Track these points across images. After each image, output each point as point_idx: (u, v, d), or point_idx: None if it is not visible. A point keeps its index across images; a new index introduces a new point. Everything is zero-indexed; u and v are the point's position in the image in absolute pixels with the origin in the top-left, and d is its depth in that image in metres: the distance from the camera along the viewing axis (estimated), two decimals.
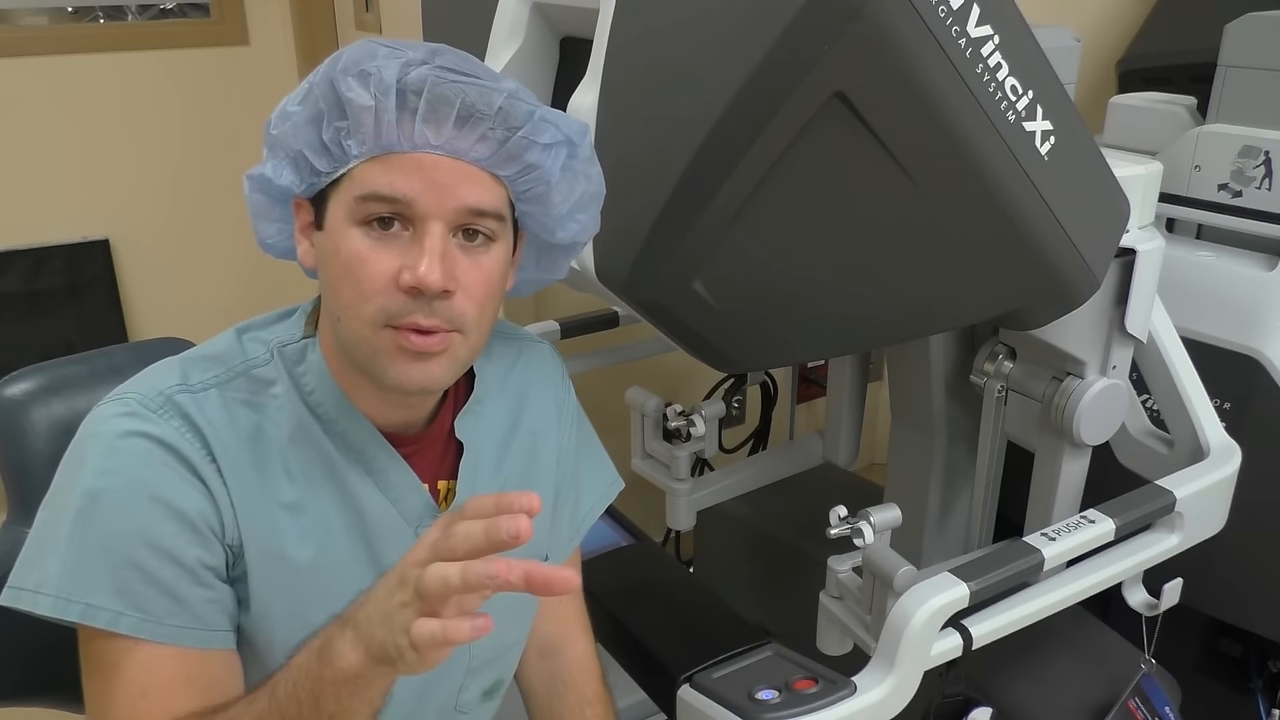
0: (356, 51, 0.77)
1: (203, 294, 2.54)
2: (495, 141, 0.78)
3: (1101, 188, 0.97)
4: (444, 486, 0.92)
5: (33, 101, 2.30)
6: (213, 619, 0.81)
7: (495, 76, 0.80)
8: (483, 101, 0.77)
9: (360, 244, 0.77)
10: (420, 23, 1.27)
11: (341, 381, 0.85)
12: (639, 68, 0.88)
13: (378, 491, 0.87)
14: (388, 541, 0.87)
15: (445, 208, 0.77)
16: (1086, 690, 1.21)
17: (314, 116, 0.78)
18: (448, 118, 0.76)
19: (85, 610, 0.76)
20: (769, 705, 0.91)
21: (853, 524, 1.07)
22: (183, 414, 0.80)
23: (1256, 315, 1.32)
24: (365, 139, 0.76)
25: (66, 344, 2.42)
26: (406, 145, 0.76)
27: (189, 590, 0.79)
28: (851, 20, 0.74)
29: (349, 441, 0.85)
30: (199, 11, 2.45)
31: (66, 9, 2.35)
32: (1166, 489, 1.09)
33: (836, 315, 0.91)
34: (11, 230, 2.34)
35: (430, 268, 0.75)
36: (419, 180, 0.76)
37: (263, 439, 0.83)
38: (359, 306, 0.78)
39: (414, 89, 0.75)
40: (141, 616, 0.77)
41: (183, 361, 0.85)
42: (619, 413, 1.52)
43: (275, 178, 0.80)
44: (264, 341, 0.87)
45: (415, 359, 0.79)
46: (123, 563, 0.77)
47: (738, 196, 0.81)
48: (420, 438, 0.90)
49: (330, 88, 0.77)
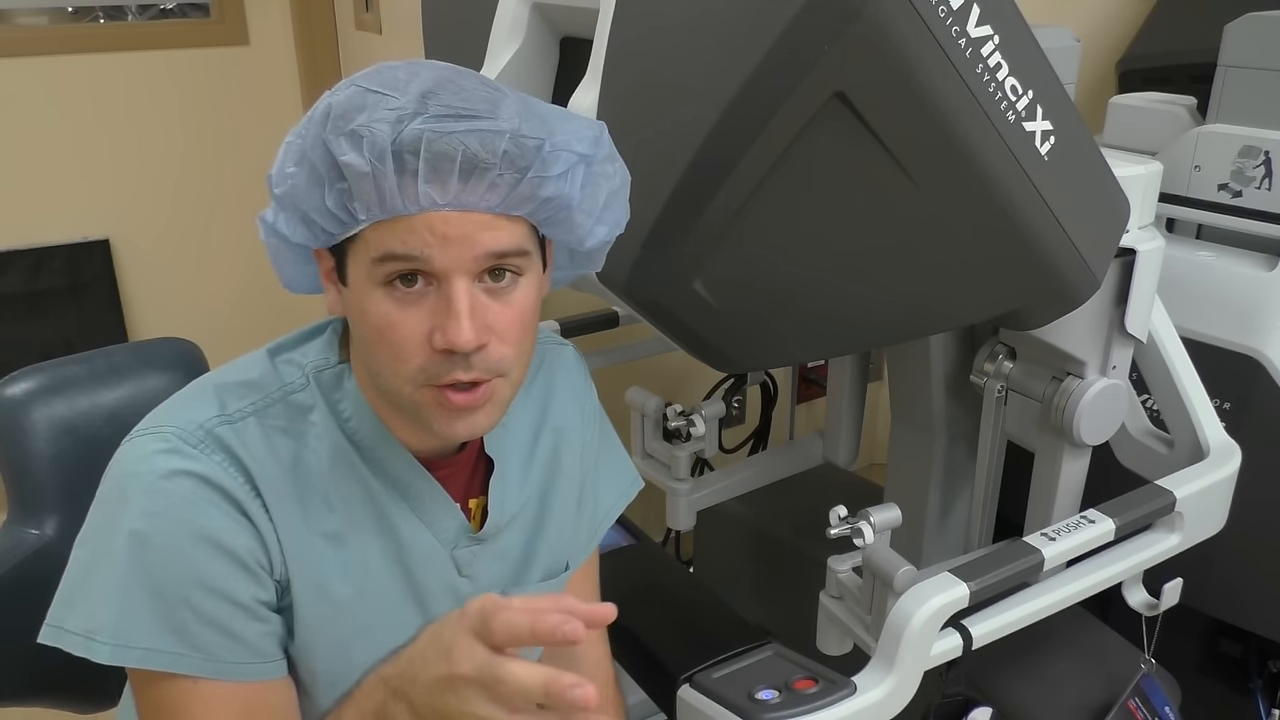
0: (344, 103, 0.73)
1: (203, 294, 2.53)
2: (505, 187, 0.74)
3: (1101, 188, 0.97)
4: (475, 505, 0.91)
5: (33, 101, 2.30)
6: (268, 650, 0.80)
7: (495, 110, 0.74)
8: (486, 150, 0.72)
9: (386, 306, 0.75)
10: (420, 23, 1.27)
11: (377, 409, 0.84)
12: (639, 68, 0.88)
13: (414, 517, 0.86)
14: (424, 567, 0.87)
15: (465, 260, 0.74)
16: (1086, 690, 1.21)
17: (314, 179, 0.74)
18: (450, 174, 0.72)
19: (145, 655, 0.76)
20: (769, 705, 0.91)
21: (853, 524, 1.07)
22: (225, 448, 0.78)
23: (1256, 315, 1.32)
24: (370, 204, 0.72)
25: (66, 344, 2.42)
26: (413, 208, 0.72)
27: (245, 626, 0.78)
28: (851, 20, 0.74)
29: (386, 469, 0.84)
30: (199, 11, 2.45)
31: (66, 9, 2.35)
32: (1166, 489, 1.09)
33: (837, 315, 0.91)
34: (11, 230, 2.34)
35: (459, 330, 0.73)
36: (433, 238, 0.73)
37: (302, 468, 0.82)
38: (397, 368, 0.76)
39: (410, 149, 0.71)
40: (202, 657, 0.77)
41: (218, 389, 0.82)
42: (619, 413, 1.51)
43: (290, 235, 0.77)
44: (298, 365, 0.85)
45: (460, 413, 0.78)
46: (178, 604, 0.76)
47: (738, 196, 0.81)
48: (454, 460, 0.89)
49: (324, 149, 0.73)
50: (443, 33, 1.25)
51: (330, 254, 0.79)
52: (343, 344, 0.86)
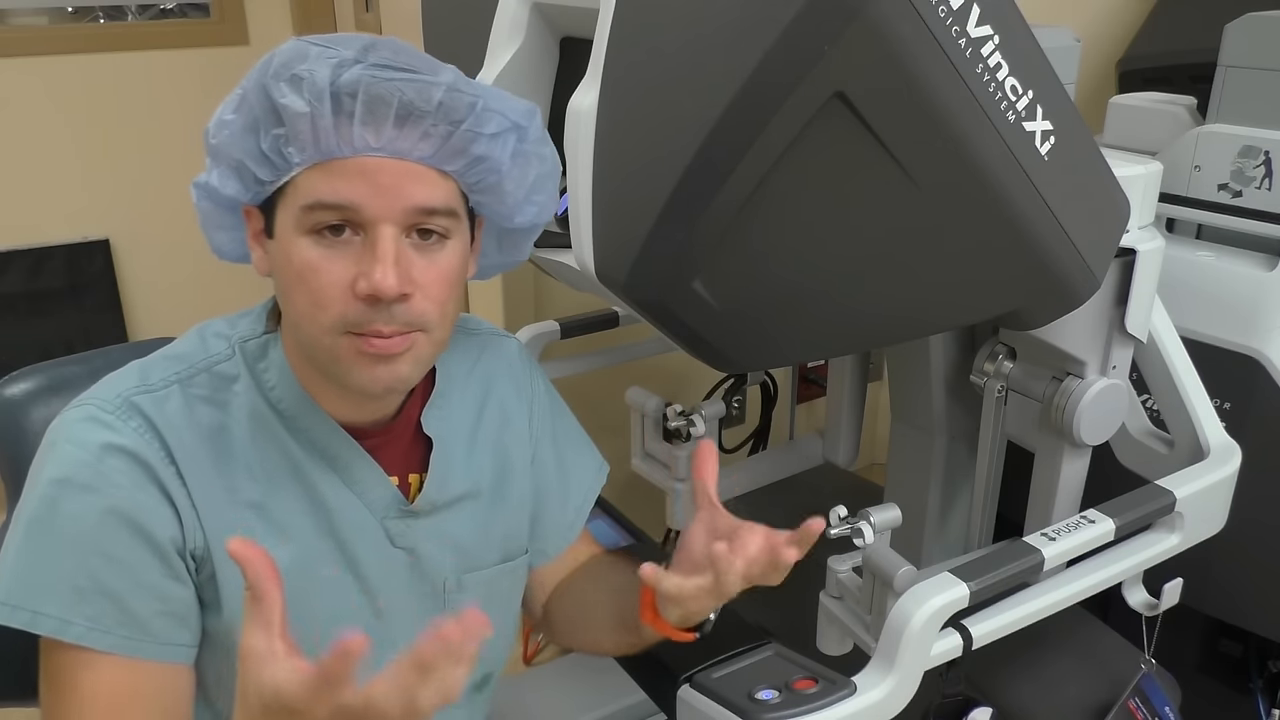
0: (287, 53, 0.75)
1: (203, 294, 2.53)
2: (438, 138, 0.76)
3: (1101, 188, 0.97)
4: (415, 479, 0.92)
5: (33, 101, 2.31)
6: (165, 633, 0.79)
7: (434, 67, 0.77)
8: (421, 98, 0.74)
9: (311, 253, 0.76)
10: (420, 23, 1.27)
11: (303, 378, 0.84)
12: (639, 68, 0.88)
13: (343, 486, 0.86)
14: (355, 535, 0.87)
15: (394, 210, 0.75)
16: (1086, 690, 1.21)
17: (250, 124, 0.75)
18: (386, 118, 0.74)
19: (32, 618, 0.75)
20: (769, 705, 0.91)
21: (853, 524, 1.07)
22: (142, 415, 0.79)
23: (1256, 315, 1.32)
24: (304, 146, 0.74)
25: (66, 344, 2.42)
26: (347, 150, 0.74)
27: (141, 602, 0.78)
28: (851, 20, 0.74)
29: (312, 438, 0.85)
30: (199, 11, 2.45)
31: (66, 9, 2.35)
32: (1166, 489, 1.09)
33: (837, 315, 0.91)
34: (11, 230, 2.34)
35: (385, 275, 0.74)
36: (364, 185, 0.74)
37: (225, 437, 0.82)
38: (316, 315, 0.76)
39: (348, 91, 0.73)
40: (89, 625, 0.76)
41: (143, 363, 0.84)
42: (619, 413, 1.52)
43: (221, 187, 0.78)
44: (225, 337, 0.86)
45: (379, 361, 0.78)
46: (74, 571, 0.76)
47: (738, 197, 0.81)
48: (386, 431, 0.89)
49: (264, 94, 0.74)
50: (443, 33, 1.25)
51: (260, 212, 0.80)
52: (271, 316, 0.87)
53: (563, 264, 1.01)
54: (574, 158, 0.89)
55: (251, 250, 0.83)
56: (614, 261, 0.87)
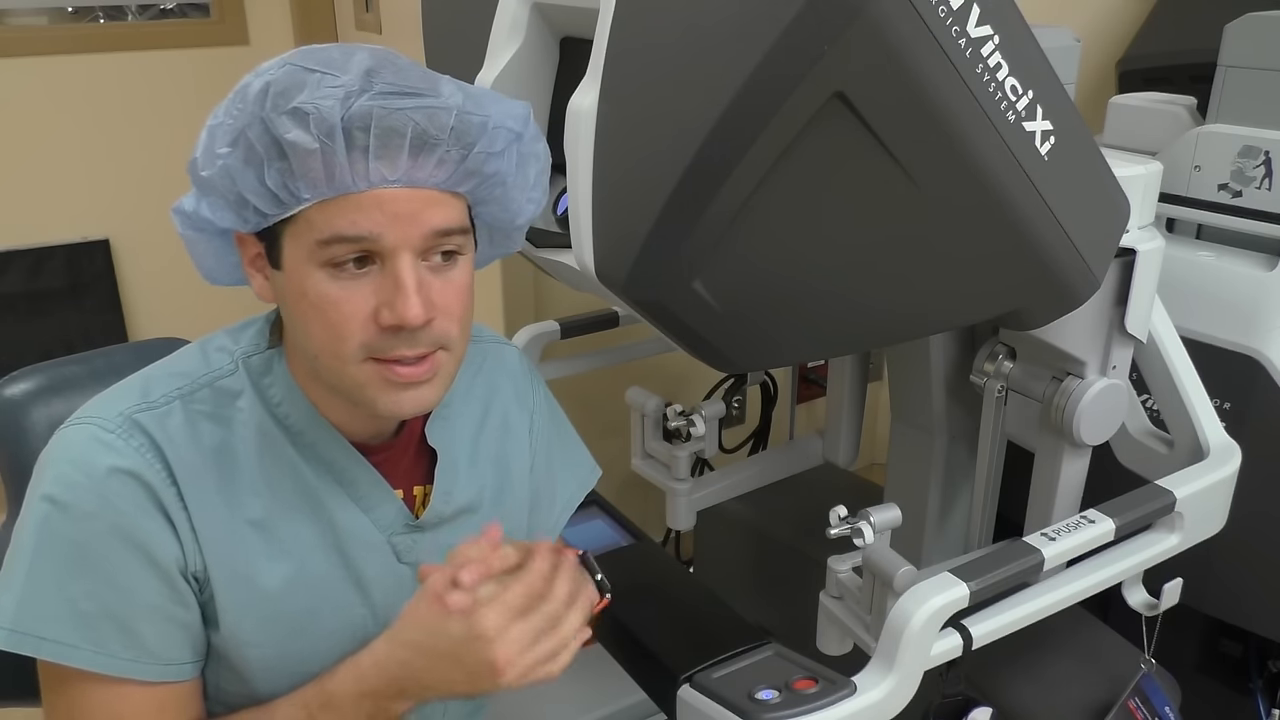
0: (282, 81, 0.72)
1: (203, 294, 2.52)
2: (452, 163, 0.75)
3: (1101, 188, 0.97)
4: (420, 492, 0.91)
5: (33, 101, 2.31)
6: (169, 653, 0.79)
7: (437, 87, 0.75)
8: (434, 125, 0.73)
9: (329, 287, 0.74)
10: (420, 23, 1.27)
11: (309, 393, 0.83)
12: (639, 68, 0.88)
13: (350, 502, 0.85)
14: (362, 551, 0.86)
15: (413, 237, 0.74)
16: (1086, 690, 1.21)
17: (249, 158, 0.73)
18: (400, 150, 0.72)
19: (38, 644, 0.75)
20: (769, 705, 0.91)
21: (853, 524, 1.07)
22: (144, 432, 0.78)
23: (1256, 315, 1.32)
24: (316, 183, 0.72)
25: (66, 344, 2.42)
26: (362, 185, 0.72)
27: (145, 624, 0.77)
28: (851, 20, 0.74)
29: (318, 453, 0.84)
30: (199, 11, 2.45)
31: (66, 9, 2.35)
32: (1166, 489, 1.09)
33: (837, 315, 0.91)
34: (11, 230, 2.34)
35: (410, 304, 0.73)
36: (381, 215, 0.73)
37: (228, 454, 0.81)
38: (337, 347, 0.75)
39: (360, 125, 0.71)
40: (94, 650, 0.76)
41: (145, 379, 0.83)
42: (619, 413, 1.52)
43: (214, 219, 0.76)
44: (228, 352, 0.84)
45: (406, 388, 0.77)
46: (78, 596, 0.75)
47: (738, 196, 0.81)
48: (390, 445, 0.88)
49: (263, 128, 0.71)
50: (443, 33, 1.25)
51: (257, 239, 0.78)
52: (273, 331, 0.86)
53: (563, 264, 1.01)
54: (574, 158, 0.89)
55: (249, 276, 0.81)
56: (614, 261, 0.87)
